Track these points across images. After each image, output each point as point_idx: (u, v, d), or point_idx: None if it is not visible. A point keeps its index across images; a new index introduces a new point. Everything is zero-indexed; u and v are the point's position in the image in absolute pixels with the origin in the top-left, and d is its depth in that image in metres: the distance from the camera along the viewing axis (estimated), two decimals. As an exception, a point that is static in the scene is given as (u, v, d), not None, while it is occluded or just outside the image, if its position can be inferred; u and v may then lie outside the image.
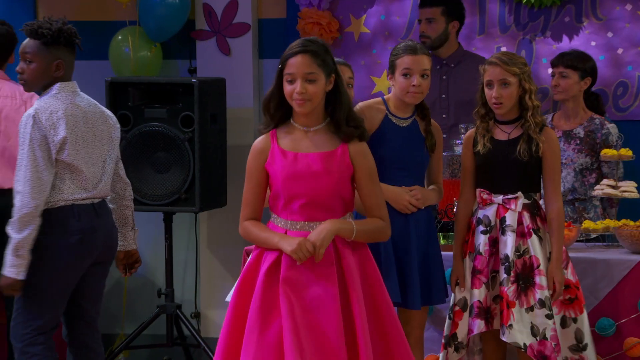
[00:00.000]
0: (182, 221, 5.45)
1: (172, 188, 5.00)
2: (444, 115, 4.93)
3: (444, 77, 5.00)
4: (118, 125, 3.88)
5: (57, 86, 3.71)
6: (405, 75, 3.70)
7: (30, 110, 3.64)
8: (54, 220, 3.65)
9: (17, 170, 3.60)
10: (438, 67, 4.97)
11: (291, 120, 3.18)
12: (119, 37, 5.45)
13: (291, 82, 3.11)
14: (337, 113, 3.15)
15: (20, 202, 3.57)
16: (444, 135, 4.10)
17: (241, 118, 5.45)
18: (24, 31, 3.75)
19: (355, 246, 3.17)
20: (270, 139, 3.16)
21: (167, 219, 5.18)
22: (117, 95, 5.00)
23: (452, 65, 5.00)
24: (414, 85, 3.70)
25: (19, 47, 3.82)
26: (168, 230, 5.21)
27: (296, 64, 3.10)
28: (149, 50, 5.43)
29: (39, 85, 3.75)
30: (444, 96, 4.99)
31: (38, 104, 3.67)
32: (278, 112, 3.18)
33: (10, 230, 3.59)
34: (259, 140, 3.19)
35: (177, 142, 4.97)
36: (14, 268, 3.59)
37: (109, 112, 3.88)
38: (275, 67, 5.89)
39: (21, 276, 3.60)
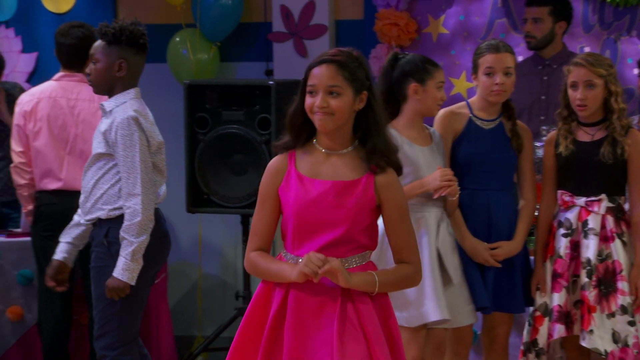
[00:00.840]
0: None
1: (249, 190, 4.99)
2: (542, 117, 4.78)
3: (545, 78, 4.86)
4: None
5: (133, 91, 3.71)
6: (488, 74, 3.66)
7: (130, 113, 3.61)
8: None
9: (127, 173, 3.58)
10: (540, 67, 4.85)
11: (314, 141, 2.77)
12: (177, 39, 5.48)
13: (312, 94, 2.71)
14: (368, 138, 2.73)
15: (140, 206, 3.55)
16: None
17: (318, 120, 5.43)
18: (95, 32, 3.77)
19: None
20: (287, 160, 2.76)
21: (244, 221, 5.17)
22: (195, 98, 5.01)
23: (555, 66, 4.80)
24: (496, 84, 3.65)
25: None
26: (245, 233, 5.20)
27: (319, 74, 2.70)
28: (206, 52, 5.45)
29: (103, 86, 3.72)
30: (543, 97, 4.86)
31: (132, 107, 3.65)
32: (303, 131, 2.77)
33: (127, 234, 3.56)
34: (275, 160, 2.78)
35: (254, 145, 4.98)
36: (129, 272, 3.56)
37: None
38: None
39: (133, 282, 3.58)
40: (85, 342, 4.67)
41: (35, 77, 5.69)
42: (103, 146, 3.64)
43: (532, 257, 3.84)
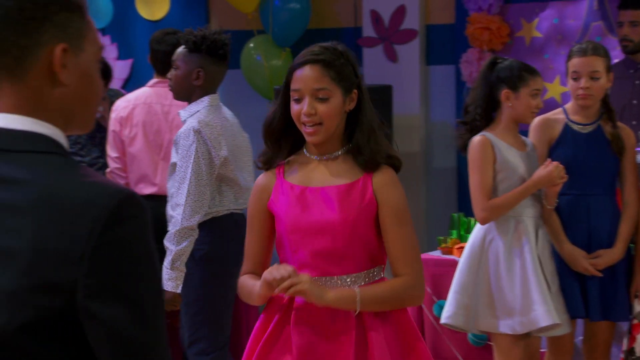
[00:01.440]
0: None
1: None
2: (633, 122, 4.66)
3: (637, 82, 4.73)
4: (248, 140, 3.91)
5: (208, 99, 3.72)
6: (574, 78, 3.60)
7: (193, 124, 3.64)
8: (219, 230, 3.68)
9: (179, 183, 3.61)
10: (632, 71, 4.72)
11: (304, 150, 2.49)
12: (251, 45, 5.51)
13: (298, 100, 2.41)
14: (357, 135, 2.43)
15: (182, 215, 3.58)
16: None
17: (407, 125, 5.40)
18: (181, 38, 3.80)
19: (386, 314, 2.44)
20: (275, 173, 2.48)
21: None
22: None
23: None
24: (581, 88, 3.57)
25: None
26: None
27: (303, 77, 2.40)
28: (278, 57, 5.46)
29: (182, 92, 3.75)
30: (635, 102, 4.73)
31: (198, 117, 3.67)
32: (286, 140, 2.48)
33: (168, 242, 3.60)
34: (261, 177, 2.51)
35: None
36: (172, 281, 3.59)
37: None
38: (443, 74, 5.85)
39: (179, 289, 3.60)
40: (178, 345, 4.72)
41: (130, 83, 5.80)
42: (175, 156, 3.70)
43: None
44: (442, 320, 3.58)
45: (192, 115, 3.71)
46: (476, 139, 3.53)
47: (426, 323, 4.24)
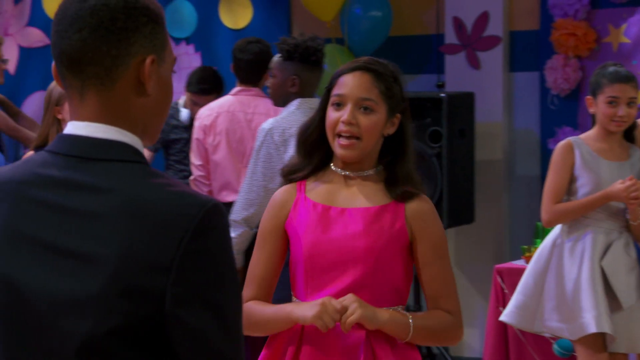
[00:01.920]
0: None
1: None
2: None
3: None
4: None
5: (296, 102, 3.77)
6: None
7: (267, 124, 3.74)
8: None
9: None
10: None
11: (331, 165, 2.26)
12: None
13: (338, 106, 2.21)
14: (397, 167, 2.22)
15: (233, 208, 3.78)
16: None
17: (490, 132, 5.35)
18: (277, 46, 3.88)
19: (398, 346, 2.21)
20: (296, 188, 2.25)
21: None
22: None
23: None
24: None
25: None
26: None
27: (350, 83, 2.21)
28: None
29: (278, 100, 3.85)
30: None
31: (275, 119, 3.77)
32: (317, 153, 2.25)
33: None
34: (280, 191, 2.27)
35: (424, 157, 4.95)
36: None
37: None
38: (527, 81, 5.77)
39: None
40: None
41: (213, 91, 5.90)
42: None
43: None
44: (500, 317, 3.59)
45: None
46: (561, 142, 3.49)
47: (510, 334, 4.20)
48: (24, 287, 1.43)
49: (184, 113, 5.13)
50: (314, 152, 2.26)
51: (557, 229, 3.54)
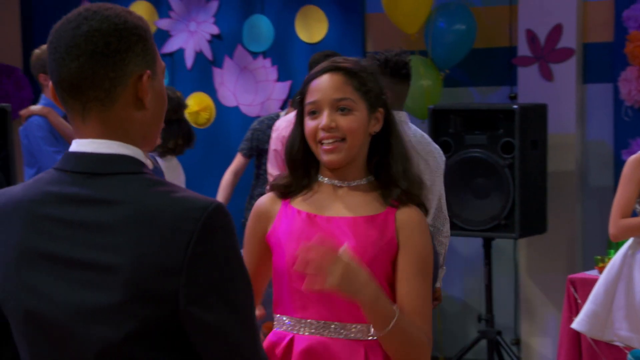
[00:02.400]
0: (501, 247, 5.45)
1: (491, 214, 4.99)
2: None
3: None
4: (443, 159, 3.89)
5: None
6: None
7: None
8: None
9: None
10: None
11: (319, 176, 2.12)
12: None
13: (314, 114, 2.05)
14: (386, 168, 2.08)
15: None
16: None
17: (563, 144, 5.35)
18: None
19: None
20: (280, 197, 2.12)
21: (486, 244, 5.19)
22: (439, 123, 5.09)
23: None
24: None
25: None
26: (487, 256, 5.21)
27: (321, 86, 2.04)
28: (431, 79, 5.45)
29: None
30: None
31: None
32: (306, 168, 2.11)
33: None
34: (263, 200, 2.14)
35: (497, 168, 4.97)
36: None
37: (435, 145, 3.90)
38: (600, 92, 5.74)
39: None
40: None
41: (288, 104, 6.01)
42: None
43: None
44: (572, 324, 3.61)
45: None
46: (632, 155, 3.50)
47: (584, 344, 4.20)
48: (42, 301, 1.49)
49: None
50: (304, 167, 2.11)
51: (629, 240, 3.55)
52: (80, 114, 1.53)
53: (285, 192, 2.12)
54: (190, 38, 6.18)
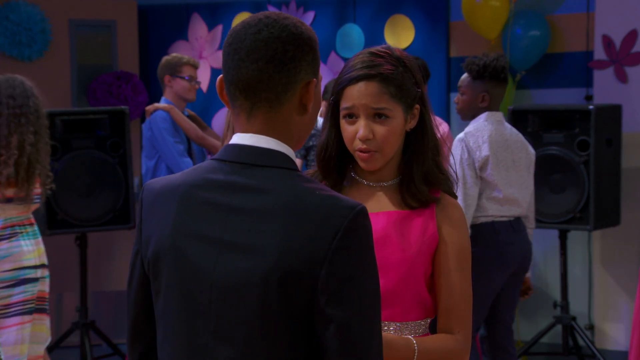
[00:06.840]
0: (576, 239, 5.57)
1: (567, 207, 5.10)
2: None
3: None
4: (534, 157, 4.13)
5: (485, 114, 4.08)
6: None
7: (461, 135, 4.03)
8: (477, 235, 3.96)
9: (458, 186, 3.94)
10: None
11: (352, 173, 2.08)
12: None
13: (351, 117, 2.00)
14: (415, 162, 2.02)
15: None
16: None
17: (636, 142, 5.44)
18: (463, 66, 4.20)
19: None
20: None
21: (562, 236, 5.32)
22: (518, 122, 5.19)
23: None
24: None
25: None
26: (563, 247, 5.34)
27: (356, 94, 1.98)
28: (512, 80, 5.61)
29: (468, 114, 4.16)
30: None
31: (468, 129, 4.06)
32: (337, 167, 2.06)
33: None
34: None
35: (572, 165, 5.08)
36: None
37: (528, 144, 4.13)
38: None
39: None
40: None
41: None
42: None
43: None
44: None
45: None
46: None
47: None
48: (197, 272, 1.54)
49: (320, 121, 5.52)
50: (334, 168, 2.07)
51: None
52: (247, 112, 1.58)
53: None
54: (287, 45, 6.43)
